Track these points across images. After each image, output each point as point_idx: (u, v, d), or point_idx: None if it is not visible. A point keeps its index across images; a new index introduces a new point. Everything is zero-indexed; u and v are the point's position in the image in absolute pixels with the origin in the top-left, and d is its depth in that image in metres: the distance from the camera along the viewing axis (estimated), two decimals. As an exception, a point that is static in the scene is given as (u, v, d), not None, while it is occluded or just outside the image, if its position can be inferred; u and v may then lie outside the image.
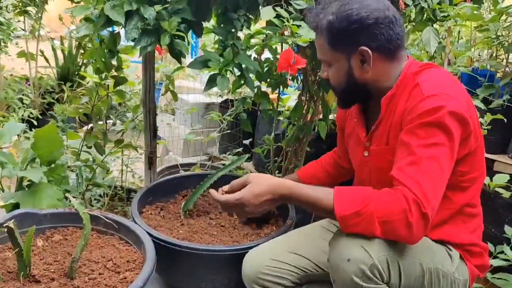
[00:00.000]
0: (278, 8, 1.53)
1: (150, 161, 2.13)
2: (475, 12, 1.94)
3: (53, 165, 1.72)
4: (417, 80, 1.17)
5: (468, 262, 1.26)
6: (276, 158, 2.32)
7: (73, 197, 1.48)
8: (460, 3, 1.76)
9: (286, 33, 1.66)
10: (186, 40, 1.64)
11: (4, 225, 1.19)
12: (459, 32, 3.05)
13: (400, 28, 1.21)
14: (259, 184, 1.22)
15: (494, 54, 2.79)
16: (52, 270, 1.27)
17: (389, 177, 1.11)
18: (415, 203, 1.02)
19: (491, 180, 1.93)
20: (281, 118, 2.39)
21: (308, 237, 1.47)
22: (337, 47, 1.23)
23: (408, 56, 1.29)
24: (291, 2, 1.52)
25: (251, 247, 1.45)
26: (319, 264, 1.40)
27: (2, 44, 3.44)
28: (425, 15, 1.77)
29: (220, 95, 3.68)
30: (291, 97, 2.78)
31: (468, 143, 1.15)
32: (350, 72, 1.24)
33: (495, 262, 1.77)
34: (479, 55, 3.23)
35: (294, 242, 1.44)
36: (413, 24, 1.86)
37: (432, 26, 1.74)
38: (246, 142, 2.87)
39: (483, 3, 2.09)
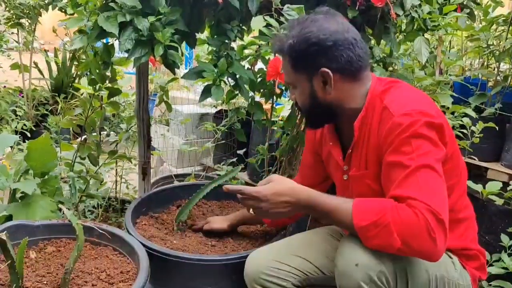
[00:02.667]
0: (268, 18, 1.54)
1: (144, 172, 2.13)
2: (466, 22, 1.98)
3: (46, 177, 1.72)
4: (384, 102, 1.19)
5: (467, 266, 1.26)
6: (270, 168, 2.32)
7: (67, 208, 1.47)
8: (450, 13, 1.78)
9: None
10: (179, 51, 1.65)
11: (-3, 237, 1.18)
12: (450, 41, 3.09)
13: (362, 49, 1.23)
14: (281, 184, 1.23)
15: (485, 63, 2.83)
16: (45, 282, 1.27)
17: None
18: (430, 213, 1.01)
19: (484, 187, 1.93)
20: (275, 128, 2.40)
21: (311, 241, 1.47)
22: (299, 70, 1.26)
23: (372, 74, 1.31)
24: (282, 12, 1.53)
25: (245, 257, 1.44)
26: (321, 268, 1.39)
27: (-6, 56, 3.44)
28: (416, 25, 1.79)
29: (214, 106, 3.69)
30: (284, 107, 2.80)
31: (445, 152, 1.15)
32: (313, 94, 1.26)
33: (492, 270, 1.76)
34: (470, 64, 3.27)
35: (297, 245, 1.43)
36: (405, 34, 1.88)
37: (423, 35, 1.76)
38: (241, 152, 2.88)
39: (474, 15, 2.11)
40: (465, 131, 2.14)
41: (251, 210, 1.28)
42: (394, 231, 1.02)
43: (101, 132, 2.11)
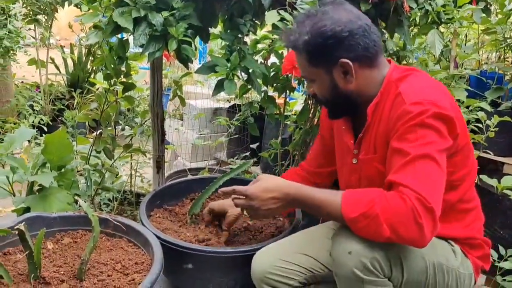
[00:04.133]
0: (282, 12, 1.55)
1: (158, 165, 2.16)
2: (482, 15, 1.95)
3: (63, 170, 1.75)
4: (399, 89, 1.19)
5: (470, 255, 1.27)
6: (283, 162, 2.33)
7: (83, 201, 1.50)
8: (464, 5, 1.76)
9: (291, 37, 1.68)
10: (193, 46, 1.67)
11: (15, 227, 1.21)
12: (466, 35, 3.05)
13: (375, 34, 1.23)
14: (267, 181, 1.28)
15: (502, 57, 2.79)
16: (61, 272, 1.29)
17: (380, 184, 1.12)
18: (418, 200, 1.02)
19: (499, 182, 1.91)
20: (288, 122, 2.41)
21: (315, 238, 1.48)
22: (317, 64, 1.26)
23: (390, 61, 1.31)
24: (296, 6, 1.53)
25: (257, 249, 1.45)
26: (326, 265, 1.40)
27: (11, 52, 3.48)
28: (430, 18, 1.77)
29: (228, 100, 3.71)
30: (297, 101, 2.80)
31: (455, 144, 1.16)
32: (334, 85, 1.26)
33: (506, 265, 1.75)
34: (487, 57, 3.22)
35: (301, 243, 1.45)
36: (419, 27, 1.86)
37: (437, 29, 1.74)
38: (254, 146, 2.89)
39: (490, 10, 2.08)
40: (480, 125, 2.12)
41: (244, 212, 1.30)
42: (382, 220, 1.04)
43: (116, 126, 2.14)
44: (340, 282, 1.18)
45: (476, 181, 1.39)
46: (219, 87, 1.72)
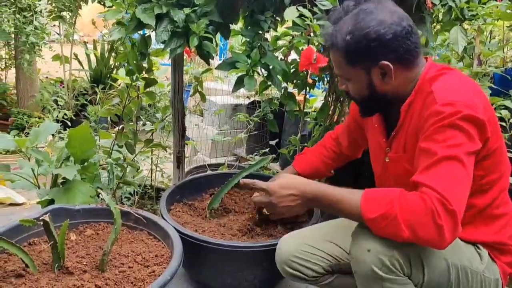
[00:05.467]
0: (301, 8, 1.54)
1: (179, 161, 2.18)
2: (508, 11, 1.91)
3: (86, 164, 1.79)
4: (431, 87, 1.16)
5: (498, 260, 1.24)
6: (302, 159, 2.33)
7: (106, 193, 1.53)
8: (489, 2, 1.73)
9: (312, 34, 1.68)
10: (214, 42, 1.68)
11: (40, 218, 1.25)
12: (491, 31, 2.99)
13: (416, 35, 1.21)
14: (287, 178, 1.31)
15: (527, 54, 2.73)
16: (84, 263, 1.33)
17: (408, 183, 1.11)
18: (439, 202, 1.01)
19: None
20: (308, 119, 2.40)
21: (343, 227, 1.46)
22: (355, 64, 1.23)
23: (427, 58, 1.28)
24: (316, 2, 1.53)
25: (275, 244, 1.46)
26: None
27: (37, 48, 3.56)
28: (453, 15, 1.75)
29: (247, 97, 3.72)
30: (317, 98, 2.79)
31: (485, 147, 1.13)
32: (371, 85, 1.24)
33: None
34: (512, 55, 3.15)
35: (329, 231, 1.45)
36: (441, 24, 1.84)
37: (461, 25, 1.72)
38: (273, 142, 2.89)
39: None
40: (503, 123, 2.08)
41: (264, 210, 1.30)
42: (401, 221, 1.04)
43: (138, 122, 2.17)
44: (359, 280, 1.17)
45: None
46: (239, 83, 1.73)
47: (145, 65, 1.88)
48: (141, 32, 1.74)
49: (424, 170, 1.08)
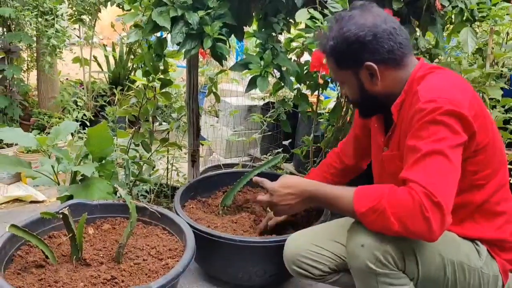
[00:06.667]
0: (311, 10, 1.58)
1: (193, 159, 2.24)
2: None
3: (104, 161, 1.84)
4: (418, 87, 1.20)
5: (498, 257, 1.24)
6: (315, 159, 2.36)
7: (122, 189, 1.58)
8: (499, 3, 1.74)
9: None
10: (227, 44, 1.72)
11: (60, 211, 1.31)
12: (507, 33, 2.97)
13: (402, 36, 1.24)
14: (287, 178, 1.38)
15: (543, 56, 2.70)
16: (101, 255, 1.38)
17: (400, 181, 1.14)
18: (425, 195, 1.04)
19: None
20: (321, 119, 2.43)
21: (348, 226, 1.50)
22: (344, 67, 1.30)
23: (419, 58, 1.32)
24: (327, 5, 1.56)
25: (285, 240, 1.49)
26: None
27: (57, 50, 3.66)
28: (464, 16, 1.76)
29: (262, 98, 3.76)
30: (331, 100, 2.81)
31: (473, 142, 1.15)
32: (361, 87, 1.30)
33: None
34: (529, 56, 3.12)
35: (335, 230, 1.48)
36: (452, 25, 1.85)
37: (471, 26, 1.73)
38: (286, 143, 2.93)
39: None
40: (516, 124, 2.08)
41: (267, 208, 1.33)
42: (390, 214, 1.07)
43: (154, 121, 2.23)
44: (354, 274, 1.22)
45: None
46: (252, 84, 1.78)
47: (161, 66, 1.94)
48: (157, 34, 1.80)
49: (410, 166, 1.11)
